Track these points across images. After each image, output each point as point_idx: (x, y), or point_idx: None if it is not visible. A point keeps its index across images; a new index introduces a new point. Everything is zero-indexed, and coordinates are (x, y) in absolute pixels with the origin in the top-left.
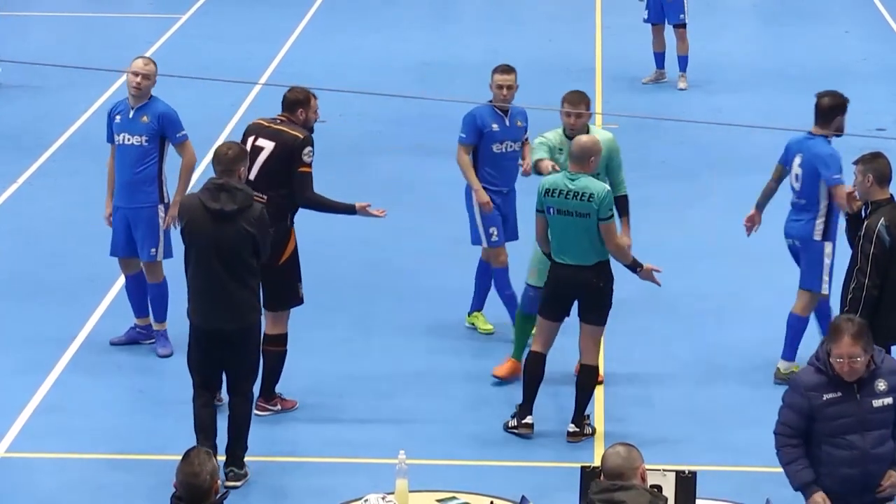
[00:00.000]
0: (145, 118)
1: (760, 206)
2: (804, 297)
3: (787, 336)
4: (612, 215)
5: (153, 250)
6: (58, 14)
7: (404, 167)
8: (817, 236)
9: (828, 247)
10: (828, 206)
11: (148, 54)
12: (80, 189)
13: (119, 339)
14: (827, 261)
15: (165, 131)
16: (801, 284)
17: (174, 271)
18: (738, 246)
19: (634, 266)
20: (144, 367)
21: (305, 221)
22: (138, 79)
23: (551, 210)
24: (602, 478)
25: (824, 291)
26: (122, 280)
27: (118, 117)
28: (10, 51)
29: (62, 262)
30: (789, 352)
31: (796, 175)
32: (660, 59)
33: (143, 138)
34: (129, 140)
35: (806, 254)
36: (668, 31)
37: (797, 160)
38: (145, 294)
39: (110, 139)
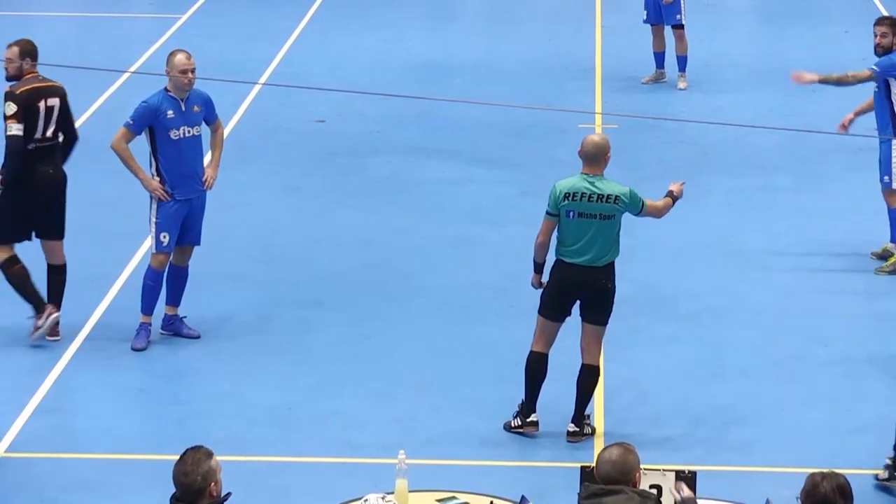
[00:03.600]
0: (196, 107)
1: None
2: None
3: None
4: (644, 201)
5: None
6: (58, 14)
7: (403, 167)
8: None
9: None
10: None
11: (148, 54)
12: (79, 189)
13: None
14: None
15: (208, 113)
16: None
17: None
18: (736, 245)
19: (672, 199)
20: (144, 367)
21: (304, 221)
22: (191, 74)
23: (570, 214)
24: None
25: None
26: (122, 280)
27: (170, 112)
28: None
29: None
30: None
31: None
32: (659, 58)
33: (198, 128)
34: (189, 132)
35: None
36: (668, 31)
37: None
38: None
39: (139, 131)
